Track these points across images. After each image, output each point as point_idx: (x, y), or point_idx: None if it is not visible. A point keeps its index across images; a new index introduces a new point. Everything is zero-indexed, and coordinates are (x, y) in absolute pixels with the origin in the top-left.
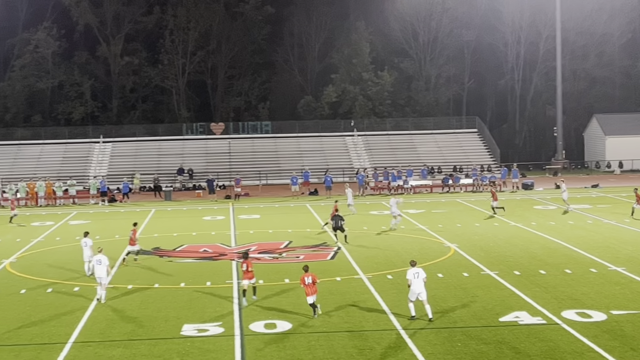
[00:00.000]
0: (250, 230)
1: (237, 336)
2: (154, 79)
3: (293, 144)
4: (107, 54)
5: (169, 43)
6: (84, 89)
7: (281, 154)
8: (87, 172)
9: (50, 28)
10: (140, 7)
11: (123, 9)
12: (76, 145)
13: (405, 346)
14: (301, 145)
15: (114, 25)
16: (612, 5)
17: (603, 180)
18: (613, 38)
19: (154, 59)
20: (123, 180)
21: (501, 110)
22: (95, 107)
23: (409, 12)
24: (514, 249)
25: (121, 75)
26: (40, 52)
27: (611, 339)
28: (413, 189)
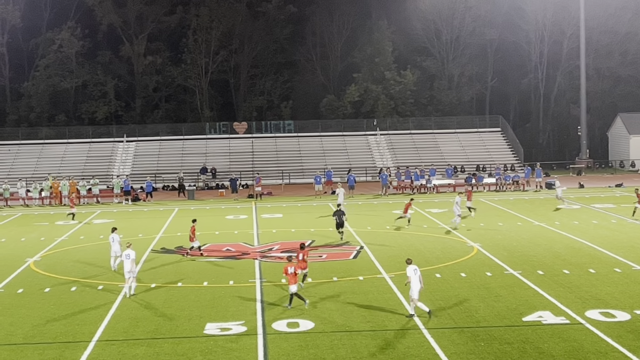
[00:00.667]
0: (273, 229)
1: (259, 335)
2: (177, 79)
3: (316, 143)
4: (131, 53)
5: (192, 42)
6: (107, 89)
7: (304, 153)
8: (111, 171)
9: (74, 28)
10: (163, 7)
11: (146, 9)
12: (100, 144)
13: (428, 345)
14: (324, 144)
15: (137, 24)
16: (636, 3)
17: (627, 179)
18: (637, 37)
19: (176, 58)
20: (147, 179)
21: (524, 109)
22: (119, 106)
23: (431, 11)
24: (538, 249)
25: (144, 75)
26: (64, 52)
27: (635, 339)
28: (436, 188)
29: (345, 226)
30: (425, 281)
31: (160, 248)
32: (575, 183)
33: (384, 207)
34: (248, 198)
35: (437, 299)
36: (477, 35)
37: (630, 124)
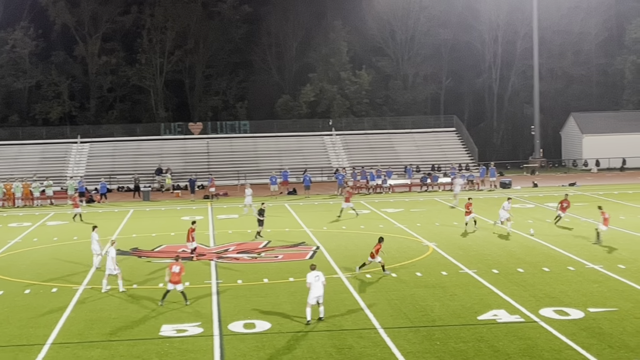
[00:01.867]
0: (229, 230)
1: (216, 336)
2: (131, 79)
3: (271, 143)
4: (85, 53)
5: (147, 42)
6: (61, 89)
7: (259, 154)
8: (65, 173)
9: (27, 28)
10: (118, 7)
11: (100, 9)
12: (54, 145)
13: (385, 345)
14: (279, 144)
15: (91, 24)
16: (588, 4)
17: (580, 178)
18: (590, 36)
19: (131, 58)
20: (101, 180)
21: (479, 109)
22: (73, 107)
23: (386, 11)
24: (493, 248)
25: (99, 75)
26: (17, 52)
27: (589, 337)
28: (392, 188)
29: (302, 226)
30: (381, 281)
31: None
32: (529, 182)
33: (339, 207)
34: (204, 199)
35: (393, 298)
36: (431, 35)
37: (583, 123)
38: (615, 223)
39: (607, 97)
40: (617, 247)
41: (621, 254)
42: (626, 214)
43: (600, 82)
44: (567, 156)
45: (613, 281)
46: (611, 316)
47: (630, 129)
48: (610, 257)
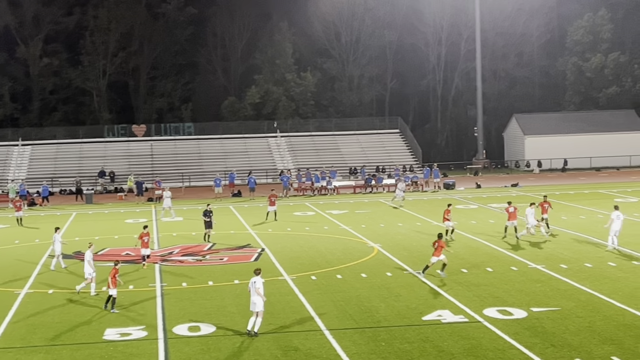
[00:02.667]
0: (173, 232)
1: (160, 340)
2: (74, 81)
3: (216, 145)
4: (27, 55)
5: (90, 44)
6: (2, 91)
7: (204, 156)
8: (6, 176)
9: None
10: (60, 8)
11: (43, 10)
12: None
13: (330, 347)
14: (225, 146)
15: (33, 26)
16: (530, 6)
17: (523, 179)
18: (532, 38)
19: (74, 60)
20: (43, 183)
21: (423, 110)
22: (15, 109)
23: (331, 13)
24: None
25: (41, 77)
26: None
27: (532, 336)
28: (336, 189)
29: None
30: (326, 282)
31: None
32: (473, 183)
33: (284, 209)
34: (148, 202)
35: (339, 299)
36: (376, 37)
37: (525, 124)
38: (557, 223)
39: (549, 99)
40: (559, 247)
41: (563, 253)
42: (568, 214)
43: (543, 84)
44: (510, 157)
45: (555, 281)
46: (554, 315)
47: (572, 130)
48: (553, 256)
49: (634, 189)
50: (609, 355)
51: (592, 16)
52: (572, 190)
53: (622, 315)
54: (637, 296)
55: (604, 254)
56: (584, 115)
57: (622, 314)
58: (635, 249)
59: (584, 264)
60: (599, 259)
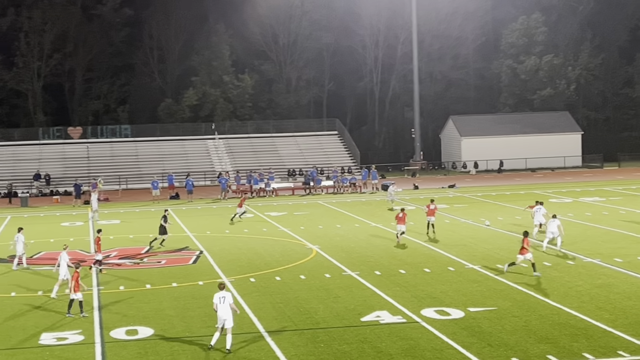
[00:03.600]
0: (110, 236)
1: (97, 344)
2: (9, 83)
3: (154, 147)
4: None
5: (24, 45)
6: None
7: (141, 158)
8: None
9: None
10: None
11: None
12: None
13: (269, 349)
14: (162, 149)
15: None
16: (465, 9)
17: (459, 180)
18: (467, 41)
19: (8, 61)
20: None
21: (361, 112)
22: None
23: (269, 15)
24: (375, 249)
25: None
26: None
27: (469, 336)
28: (275, 191)
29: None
30: (265, 284)
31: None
32: (410, 184)
33: (223, 211)
34: (84, 204)
35: (277, 301)
36: (313, 39)
37: (462, 126)
38: (494, 224)
39: (484, 101)
40: (495, 248)
41: (499, 253)
42: (504, 215)
43: (478, 86)
44: (447, 158)
45: (492, 281)
46: (490, 315)
47: (507, 131)
48: (489, 257)
49: (569, 189)
50: (544, 353)
51: (526, 19)
52: (508, 191)
53: (557, 314)
54: (572, 295)
55: (539, 254)
56: (519, 117)
57: (557, 313)
58: (570, 249)
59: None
60: (535, 259)
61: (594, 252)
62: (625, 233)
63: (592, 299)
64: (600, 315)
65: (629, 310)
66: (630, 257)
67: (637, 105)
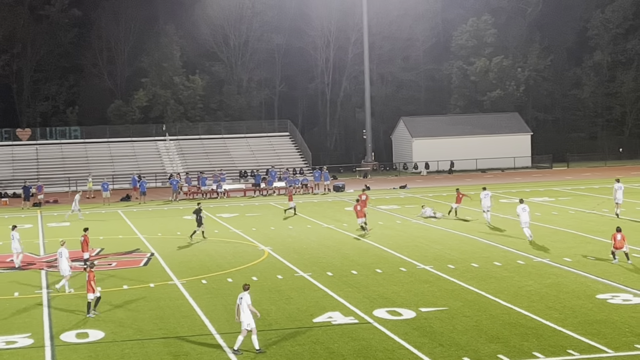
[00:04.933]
0: (60, 238)
1: (47, 347)
2: None
3: (103, 149)
4: None
5: None
6: None
7: (91, 160)
8: None
9: None
10: None
11: None
12: None
13: (221, 350)
14: (112, 150)
15: None
16: (415, 11)
17: (411, 181)
18: (418, 43)
19: None
20: None
21: (312, 113)
22: None
23: (219, 16)
24: (327, 250)
25: None
26: None
27: (420, 336)
28: (227, 193)
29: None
30: (217, 286)
31: None
32: (362, 185)
33: (174, 213)
34: (33, 207)
35: (229, 303)
36: (264, 40)
37: (413, 127)
38: (445, 224)
39: (435, 102)
40: (446, 248)
41: (450, 254)
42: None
43: (429, 87)
44: (398, 159)
45: (443, 281)
46: (442, 315)
47: (458, 132)
48: (441, 257)
49: (518, 189)
50: (495, 353)
51: (476, 21)
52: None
53: (508, 314)
54: (522, 295)
55: (489, 254)
56: (469, 118)
57: (508, 312)
58: (520, 249)
59: (470, 264)
60: (485, 259)
61: (544, 252)
62: (574, 233)
63: (542, 298)
64: (550, 314)
65: (578, 310)
66: (579, 256)
67: (585, 107)
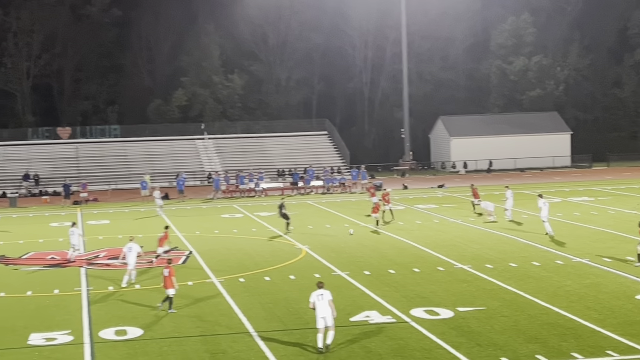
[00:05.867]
0: (99, 236)
1: (86, 344)
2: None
3: (143, 147)
4: None
5: (13, 46)
6: None
7: (130, 158)
8: None
9: None
10: None
11: None
12: None
13: (258, 349)
14: (151, 149)
15: None
16: (455, 10)
17: (449, 180)
18: (457, 42)
19: None
20: None
21: (350, 112)
22: None
23: (258, 15)
24: (364, 249)
25: None
26: None
27: (458, 336)
28: (265, 191)
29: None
30: (254, 284)
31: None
32: (400, 184)
33: (213, 211)
34: (73, 205)
35: (267, 301)
36: (303, 39)
37: (451, 126)
38: (483, 224)
39: (473, 101)
40: (484, 248)
41: (489, 253)
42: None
43: (467, 86)
44: (436, 158)
45: (481, 280)
46: (479, 315)
47: (496, 131)
48: (479, 256)
49: (557, 189)
50: (533, 353)
51: (516, 20)
52: (497, 191)
53: (546, 314)
54: (561, 295)
55: (528, 254)
56: (508, 117)
57: (546, 312)
58: (559, 249)
59: (508, 263)
60: (524, 259)
61: (583, 252)
62: (614, 233)
63: (581, 298)
64: (589, 315)
65: (618, 310)
66: (619, 256)
67: (626, 106)
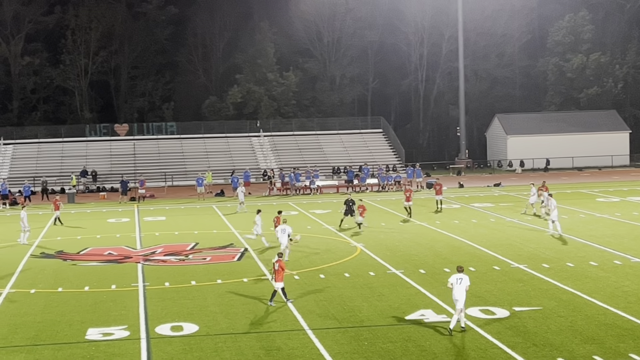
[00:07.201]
0: (156, 232)
1: (143, 339)
2: (55, 80)
3: (198, 144)
4: (7, 54)
5: (71, 43)
6: None
7: (186, 155)
8: None
9: None
10: (41, 7)
11: (23, 9)
12: None
13: (313, 346)
14: (207, 146)
15: (13, 25)
16: (511, 7)
17: (505, 179)
18: (513, 39)
19: (55, 59)
20: (25, 182)
21: (405, 110)
22: None
23: (313, 13)
24: (419, 248)
25: (22, 76)
26: None
27: (514, 335)
28: (320, 189)
29: (230, 228)
30: (309, 282)
31: (40, 253)
32: (455, 183)
33: (268, 208)
34: (130, 201)
35: (321, 299)
36: (358, 37)
37: (507, 124)
38: (540, 223)
39: (530, 99)
40: (541, 247)
41: (545, 253)
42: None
43: (524, 84)
44: (492, 157)
45: (537, 280)
46: (535, 315)
47: (554, 130)
48: (535, 256)
49: (616, 188)
50: (590, 354)
51: (573, 17)
52: (555, 190)
53: (604, 314)
54: (618, 295)
55: (585, 254)
56: (565, 115)
57: (604, 313)
58: (617, 249)
59: (565, 263)
60: (581, 259)
61: None
62: None
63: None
64: None
65: None
66: None
67: None
